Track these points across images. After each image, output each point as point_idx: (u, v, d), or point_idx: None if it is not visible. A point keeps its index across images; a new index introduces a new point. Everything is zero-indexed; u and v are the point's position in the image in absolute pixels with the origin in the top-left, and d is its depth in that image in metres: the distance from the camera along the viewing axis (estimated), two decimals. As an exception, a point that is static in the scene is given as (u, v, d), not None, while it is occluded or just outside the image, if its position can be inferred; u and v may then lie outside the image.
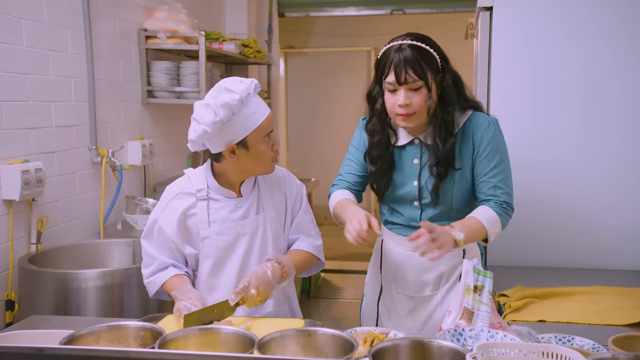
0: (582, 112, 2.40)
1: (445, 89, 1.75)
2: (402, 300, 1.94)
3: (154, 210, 1.79)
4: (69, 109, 2.69)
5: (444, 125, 1.76)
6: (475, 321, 1.48)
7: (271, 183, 1.85)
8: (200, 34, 3.38)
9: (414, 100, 1.72)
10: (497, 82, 2.46)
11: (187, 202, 1.74)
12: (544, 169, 2.44)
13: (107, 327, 1.42)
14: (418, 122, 1.78)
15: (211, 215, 1.74)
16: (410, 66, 1.69)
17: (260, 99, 1.71)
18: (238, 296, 1.60)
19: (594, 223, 2.42)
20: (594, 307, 1.91)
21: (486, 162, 1.80)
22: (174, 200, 1.76)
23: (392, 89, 1.74)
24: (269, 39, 5.16)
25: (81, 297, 2.06)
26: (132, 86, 3.28)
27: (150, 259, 1.78)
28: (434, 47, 1.75)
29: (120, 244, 2.56)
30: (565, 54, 2.39)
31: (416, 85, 1.71)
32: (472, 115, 1.82)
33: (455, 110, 1.80)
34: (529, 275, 2.30)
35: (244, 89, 1.65)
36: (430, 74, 1.72)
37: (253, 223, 1.77)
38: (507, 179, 1.83)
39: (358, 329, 1.59)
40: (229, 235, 1.75)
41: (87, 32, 2.78)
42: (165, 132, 3.66)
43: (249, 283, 1.61)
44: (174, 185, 1.81)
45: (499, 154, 1.81)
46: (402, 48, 1.71)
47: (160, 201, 1.79)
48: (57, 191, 2.60)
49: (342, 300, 4.80)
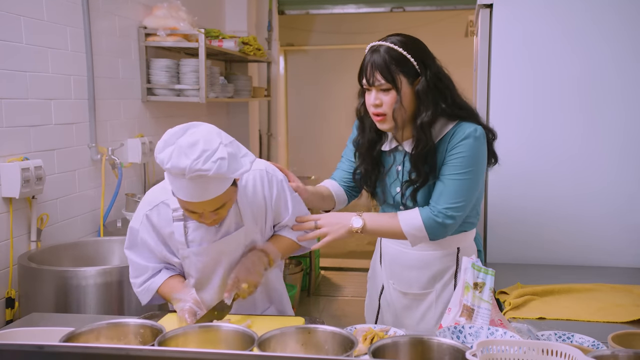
0: (582, 110, 2.40)
1: (421, 95, 1.70)
2: (398, 296, 1.95)
3: (133, 218, 1.70)
4: (68, 107, 2.69)
5: (420, 131, 1.72)
6: (476, 318, 1.48)
7: (250, 188, 1.70)
8: (200, 32, 3.37)
9: (384, 101, 1.71)
10: (497, 80, 2.45)
11: (164, 216, 1.65)
12: (544, 167, 2.44)
13: (107, 325, 1.43)
14: (390, 125, 1.74)
15: (189, 234, 1.65)
16: (378, 69, 1.69)
17: (199, 186, 1.46)
18: (232, 294, 1.62)
19: (594, 221, 2.42)
20: (594, 304, 1.91)
21: (446, 167, 1.73)
22: (152, 212, 1.66)
23: (367, 89, 1.76)
24: (268, 36, 5.16)
25: (81, 295, 2.06)
26: (131, 84, 3.27)
27: (139, 269, 1.71)
28: (414, 51, 1.70)
29: (120, 241, 2.55)
30: (565, 52, 2.39)
31: (385, 87, 1.70)
32: (456, 125, 1.74)
33: (439, 118, 1.74)
34: (529, 273, 2.31)
35: (179, 167, 1.43)
36: (403, 78, 1.69)
37: (234, 240, 1.67)
38: (460, 189, 1.72)
39: (358, 326, 1.59)
40: (207, 256, 1.66)
41: (86, 30, 2.78)
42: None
43: (238, 279, 1.63)
44: (152, 195, 1.70)
45: (463, 162, 1.72)
46: (376, 49, 1.71)
47: (138, 210, 1.70)
48: (57, 189, 2.60)
49: (342, 297, 4.80)
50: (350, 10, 5.39)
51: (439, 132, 1.75)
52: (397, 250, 1.93)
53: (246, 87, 4.36)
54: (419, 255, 1.88)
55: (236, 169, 1.48)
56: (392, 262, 1.96)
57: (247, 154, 1.55)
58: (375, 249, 2.11)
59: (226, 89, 3.92)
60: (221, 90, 3.79)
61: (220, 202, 1.52)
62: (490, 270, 1.51)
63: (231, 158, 1.47)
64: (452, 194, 1.72)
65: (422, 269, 1.89)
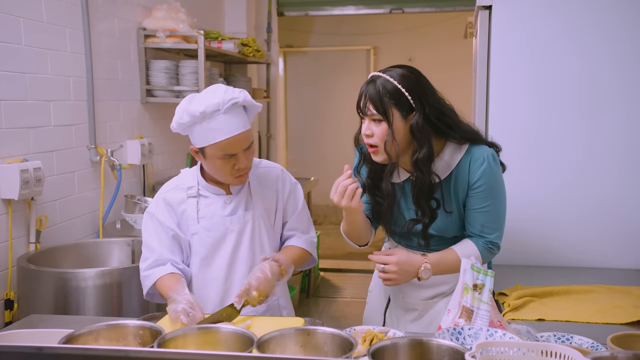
0: (583, 112, 2.40)
1: (415, 131, 1.68)
2: (408, 308, 1.92)
3: (149, 205, 1.85)
4: (67, 108, 2.69)
5: (416, 168, 1.70)
6: (475, 320, 1.48)
7: (264, 180, 1.87)
8: (199, 33, 3.38)
9: (375, 132, 1.69)
10: (496, 81, 2.45)
11: (179, 196, 1.80)
12: (544, 169, 2.44)
13: (106, 326, 1.42)
14: (382, 157, 1.72)
15: (200, 211, 1.79)
16: (370, 100, 1.68)
17: (235, 117, 1.68)
18: (242, 299, 1.64)
19: (594, 223, 2.42)
20: (593, 305, 1.91)
21: (477, 199, 1.74)
22: (167, 193, 1.82)
23: (362, 117, 1.74)
24: (268, 37, 5.16)
25: (80, 297, 2.06)
26: (131, 85, 3.27)
27: (148, 252, 1.80)
28: (411, 86, 1.68)
29: (119, 243, 2.56)
30: (565, 53, 2.39)
31: (377, 117, 1.68)
32: (469, 150, 1.74)
33: (448, 146, 1.75)
34: (528, 274, 2.31)
35: (214, 104, 1.64)
36: (395, 111, 1.67)
37: (241, 220, 1.80)
38: (497, 217, 1.77)
39: (357, 327, 1.59)
40: (216, 231, 1.78)
41: (86, 31, 2.78)
42: (164, 131, 3.66)
43: (250, 286, 1.65)
44: (168, 182, 1.87)
45: (491, 191, 1.74)
46: (373, 81, 1.70)
47: (155, 197, 1.86)
48: (56, 190, 2.60)
49: (342, 299, 4.80)
50: (349, 12, 5.40)
51: (451, 159, 1.74)
52: None
53: (245, 89, 4.34)
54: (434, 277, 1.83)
55: (253, 102, 1.72)
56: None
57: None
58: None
59: (225, 91, 3.92)
60: (220, 92, 3.79)
61: (250, 138, 1.72)
62: (490, 271, 1.51)
63: (246, 93, 1.71)
64: (495, 222, 1.77)
65: (438, 285, 1.87)
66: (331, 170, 1.87)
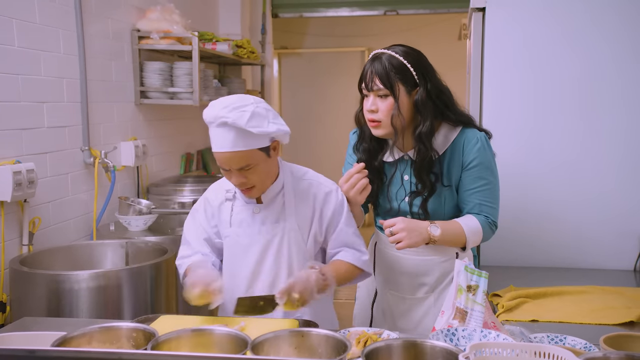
0: (581, 113, 2.39)
1: (419, 104, 1.76)
2: (396, 302, 1.95)
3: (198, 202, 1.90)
4: (61, 110, 2.68)
5: (419, 141, 1.78)
6: (469, 321, 1.49)
7: (303, 194, 1.78)
8: (193, 35, 3.37)
9: (380, 107, 1.76)
10: (490, 83, 2.46)
11: (220, 198, 1.82)
12: (537, 171, 2.44)
13: (100, 329, 1.42)
14: (385, 132, 1.79)
15: (233, 216, 1.78)
16: (377, 75, 1.75)
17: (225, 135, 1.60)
18: (284, 296, 1.55)
19: (588, 224, 2.42)
20: (586, 306, 1.92)
21: (472, 178, 1.82)
22: (210, 193, 1.85)
23: (365, 94, 1.80)
24: (262, 39, 5.16)
25: (73, 299, 2.05)
26: (125, 87, 3.27)
27: (185, 242, 1.85)
28: (414, 61, 1.77)
29: (113, 245, 2.55)
30: (562, 54, 2.38)
31: (383, 92, 1.75)
32: (462, 131, 1.83)
33: (442, 127, 1.82)
34: (521, 275, 2.31)
35: (211, 115, 1.60)
36: (401, 86, 1.74)
37: (270, 232, 1.75)
38: (493, 196, 1.85)
39: (351, 329, 1.59)
40: (243, 238, 1.76)
41: (79, 33, 2.77)
42: (159, 133, 3.65)
43: (294, 285, 1.55)
44: (216, 182, 1.89)
45: (486, 170, 1.82)
46: (378, 57, 1.77)
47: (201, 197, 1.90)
48: (49, 192, 2.59)
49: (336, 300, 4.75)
50: (344, 14, 5.40)
51: (445, 139, 1.82)
52: (394, 257, 1.93)
53: (240, 90, 4.36)
54: (419, 262, 1.89)
55: (255, 126, 1.59)
56: (389, 269, 1.96)
57: (278, 123, 1.66)
58: None
59: (220, 92, 3.92)
60: (215, 93, 3.79)
61: (244, 160, 1.62)
62: (484, 272, 1.51)
63: (255, 115, 1.59)
64: (492, 201, 1.83)
65: (423, 274, 1.90)
66: (326, 173, 1.87)
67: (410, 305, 1.92)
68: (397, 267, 1.93)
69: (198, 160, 4.35)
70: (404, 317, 1.93)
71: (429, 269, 1.89)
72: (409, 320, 1.93)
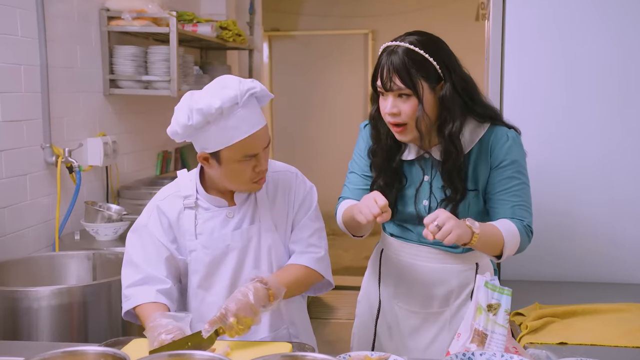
0: (615, 106, 2.38)
1: (445, 101, 1.75)
2: (405, 316, 1.95)
3: (141, 215, 1.83)
4: (18, 101, 2.67)
5: (449, 142, 1.76)
6: (489, 345, 1.48)
7: (274, 188, 1.82)
8: (171, 15, 3.37)
9: (402, 109, 1.74)
10: (511, 71, 2.46)
11: (177, 207, 1.77)
12: (566, 170, 2.44)
13: (63, 354, 1.41)
14: (412, 136, 1.79)
15: (199, 226, 1.75)
16: (396, 73, 1.72)
17: (253, 111, 1.66)
18: (213, 327, 1.56)
19: (624, 232, 2.42)
20: (622, 326, 1.92)
21: (504, 179, 1.81)
22: (163, 202, 1.79)
23: (381, 93, 1.78)
24: (250, 20, 5.16)
25: (33, 319, 2.05)
26: (92, 75, 3.26)
27: (133, 267, 1.76)
28: (436, 53, 1.74)
29: (78, 257, 2.54)
30: (594, 35, 2.37)
31: (404, 92, 1.73)
32: (490, 129, 1.83)
33: (468, 124, 1.81)
34: (548, 291, 2.32)
35: (230, 97, 1.60)
36: (424, 83, 1.73)
37: (245, 235, 1.76)
38: (527, 199, 1.84)
39: (353, 354, 1.58)
40: (216, 249, 1.75)
41: (39, 13, 2.77)
42: (131, 128, 3.65)
43: (226, 311, 1.57)
44: (163, 188, 1.85)
45: (518, 169, 1.82)
46: (394, 51, 1.73)
47: (148, 204, 1.83)
48: (5, 196, 2.59)
49: (336, 320, 4.80)
50: (344, -9, 5.41)
51: (471, 136, 1.81)
52: (406, 264, 1.93)
53: (225, 79, 4.35)
54: (436, 269, 1.89)
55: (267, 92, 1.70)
56: (397, 278, 1.96)
57: None
58: (369, 267, 2.11)
59: (201, 80, 3.91)
60: (195, 82, 3.79)
61: (269, 134, 1.71)
62: (506, 289, 1.50)
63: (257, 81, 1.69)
64: (526, 205, 1.83)
65: (438, 284, 1.90)
66: (324, 169, 1.87)
67: (422, 321, 1.92)
68: (408, 275, 1.93)
69: (176, 159, 4.35)
70: (414, 334, 1.93)
71: (445, 279, 1.89)
72: (420, 339, 1.92)
